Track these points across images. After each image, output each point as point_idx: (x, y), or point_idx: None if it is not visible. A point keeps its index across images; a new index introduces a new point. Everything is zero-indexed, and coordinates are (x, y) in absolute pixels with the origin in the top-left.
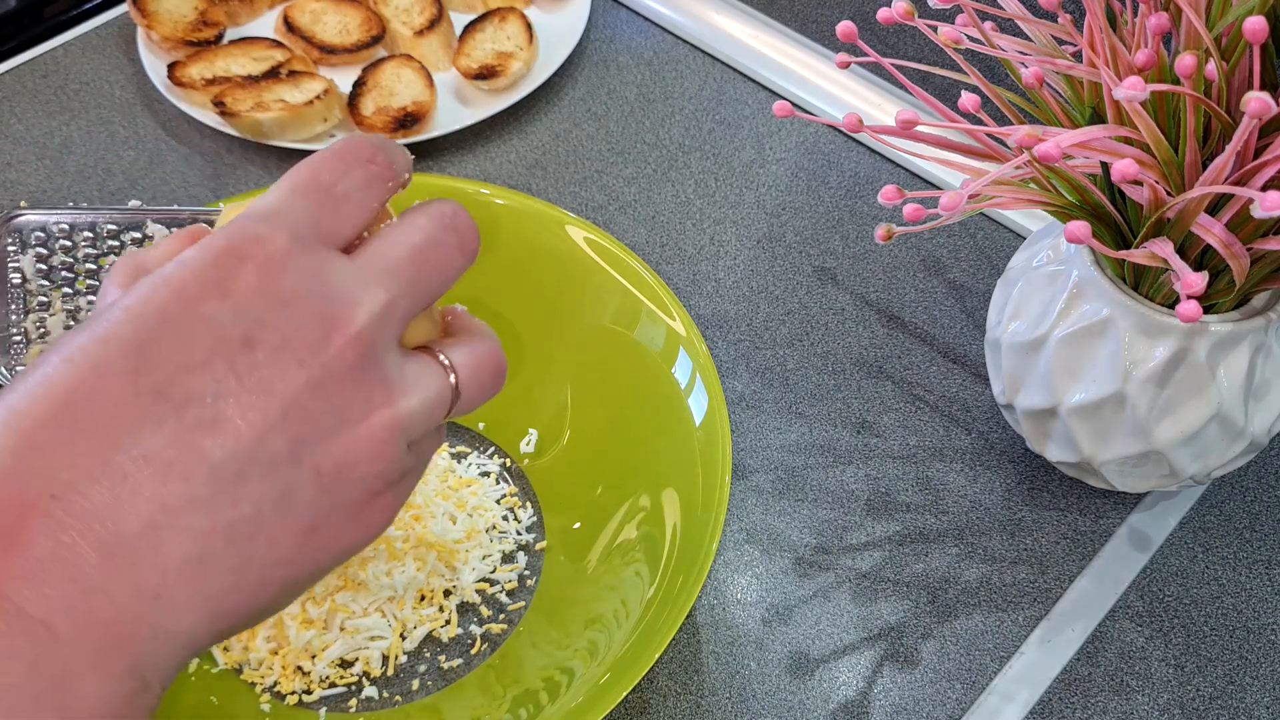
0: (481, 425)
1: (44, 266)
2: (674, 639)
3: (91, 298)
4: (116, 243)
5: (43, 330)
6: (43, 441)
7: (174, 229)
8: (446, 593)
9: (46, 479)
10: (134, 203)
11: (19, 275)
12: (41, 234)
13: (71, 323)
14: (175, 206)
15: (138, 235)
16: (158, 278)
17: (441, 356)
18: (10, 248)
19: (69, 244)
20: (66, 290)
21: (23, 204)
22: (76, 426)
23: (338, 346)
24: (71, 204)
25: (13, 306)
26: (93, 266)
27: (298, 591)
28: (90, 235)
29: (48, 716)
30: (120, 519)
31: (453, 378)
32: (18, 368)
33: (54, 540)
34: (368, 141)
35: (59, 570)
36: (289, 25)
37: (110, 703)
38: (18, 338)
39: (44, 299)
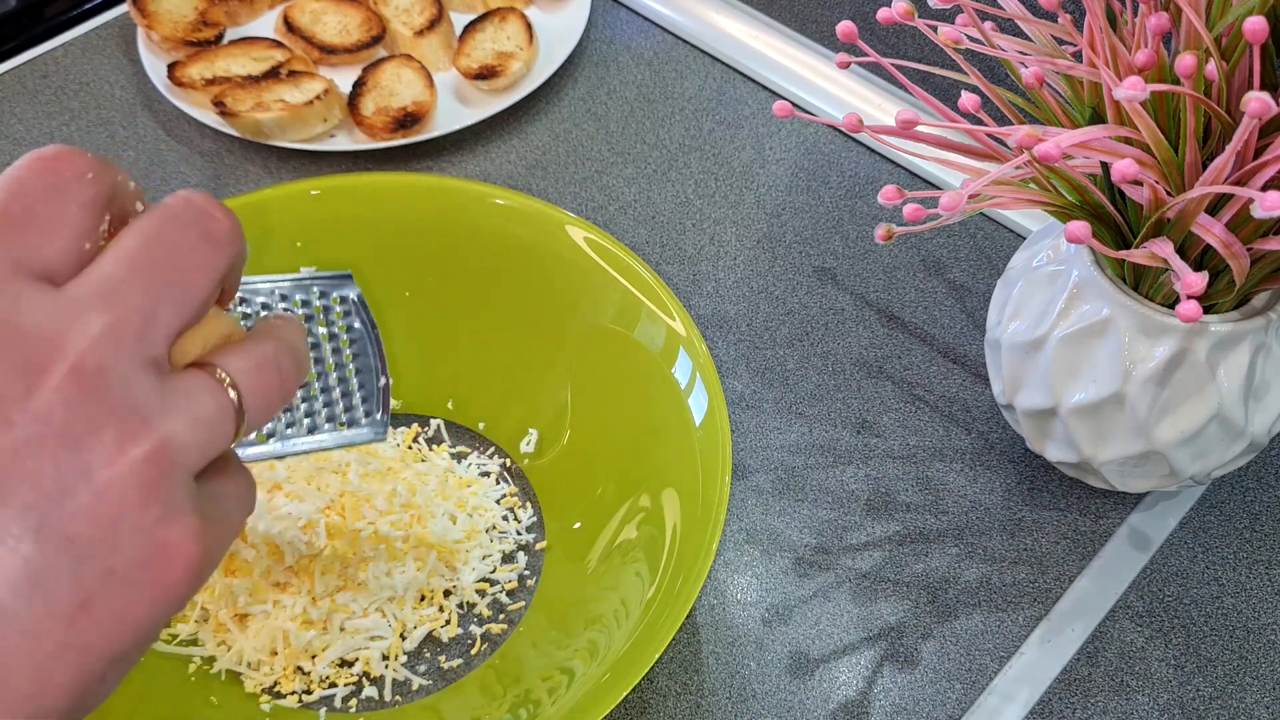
0: (481, 425)
1: None
2: (674, 639)
3: None
4: None
5: None
6: None
7: None
8: (446, 593)
9: None
10: None
11: None
12: None
13: None
14: None
15: None
16: None
17: (217, 370)
18: None
19: None
20: None
21: None
22: None
23: (50, 391)
24: None
25: None
26: None
27: (111, 675)
28: None
29: None
30: None
31: (232, 392)
32: None
33: None
34: (56, 148)
35: None
36: (289, 25)
37: None
38: None
39: None
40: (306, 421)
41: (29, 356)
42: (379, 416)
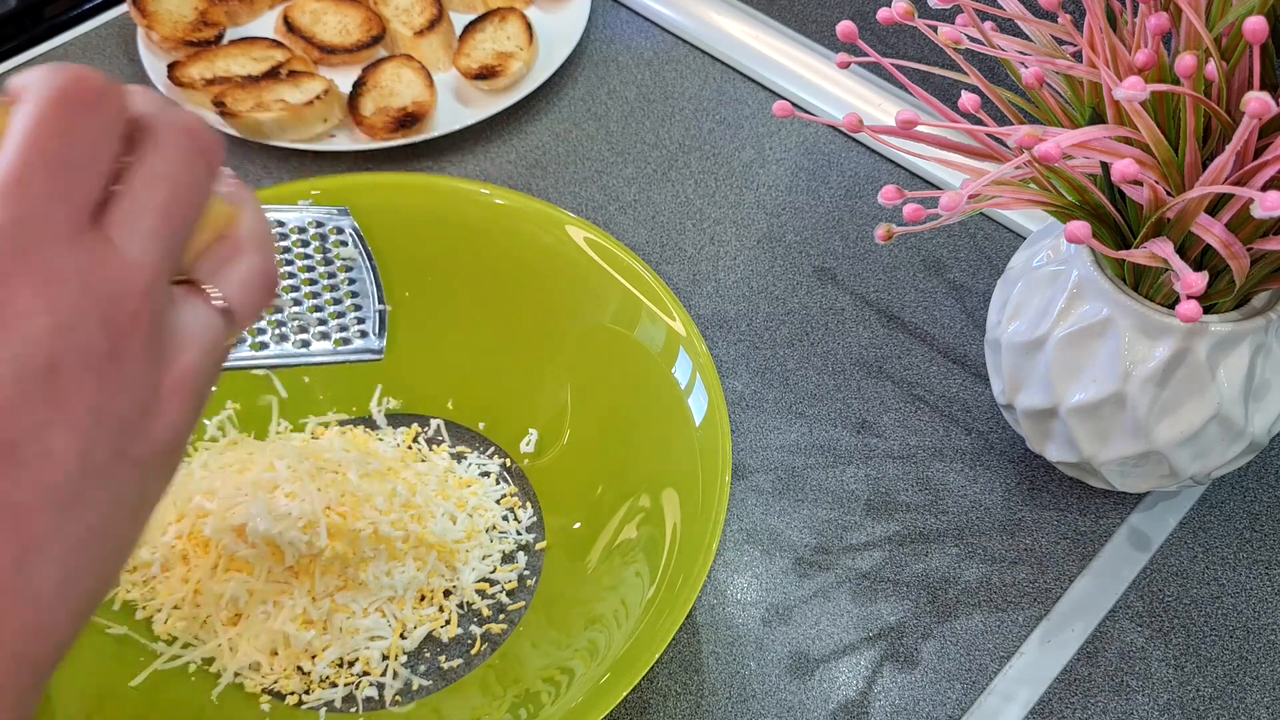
0: (481, 425)
1: None
2: (674, 639)
3: None
4: None
5: None
6: None
7: None
8: (446, 593)
9: None
10: None
11: None
12: None
13: None
14: None
15: None
16: None
17: (211, 291)
18: None
19: None
20: None
21: None
22: None
23: (125, 343)
24: None
25: None
26: None
27: (132, 552)
28: None
29: None
30: None
31: (224, 306)
32: None
33: None
34: (87, 80)
35: None
36: (289, 25)
37: None
38: None
39: None
40: (299, 335)
41: (108, 314)
42: (374, 338)
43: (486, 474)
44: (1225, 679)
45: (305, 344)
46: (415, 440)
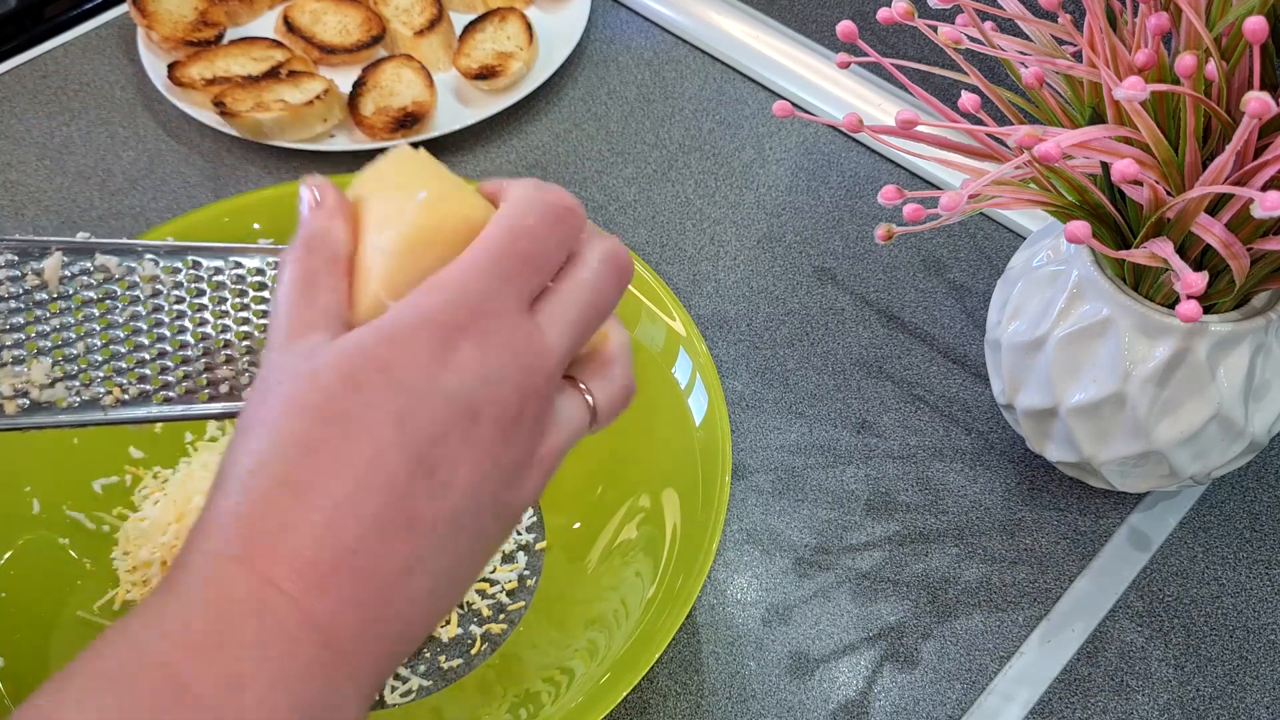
0: None
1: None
2: (674, 639)
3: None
4: (68, 273)
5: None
6: (339, 499)
7: (127, 260)
8: None
9: (343, 534)
10: (82, 235)
11: None
12: None
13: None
14: (126, 240)
15: (87, 265)
16: (384, 343)
17: (584, 391)
18: None
19: (16, 274)
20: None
21: None
22: (364, 492)
23: (530, 411)
24: (18, 235)
25: None
26: (43, 297)
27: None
28: (37, 266)
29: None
30: (387, 566)
31: (592, 403)
32: None
33: (352, 580)
34: (563, 201)
35: (354, 607)
36: (289, 25)
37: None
38: None
39: None
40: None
41: (525, 384)
42: None
43: None
44: (1225, 679)
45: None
46: None
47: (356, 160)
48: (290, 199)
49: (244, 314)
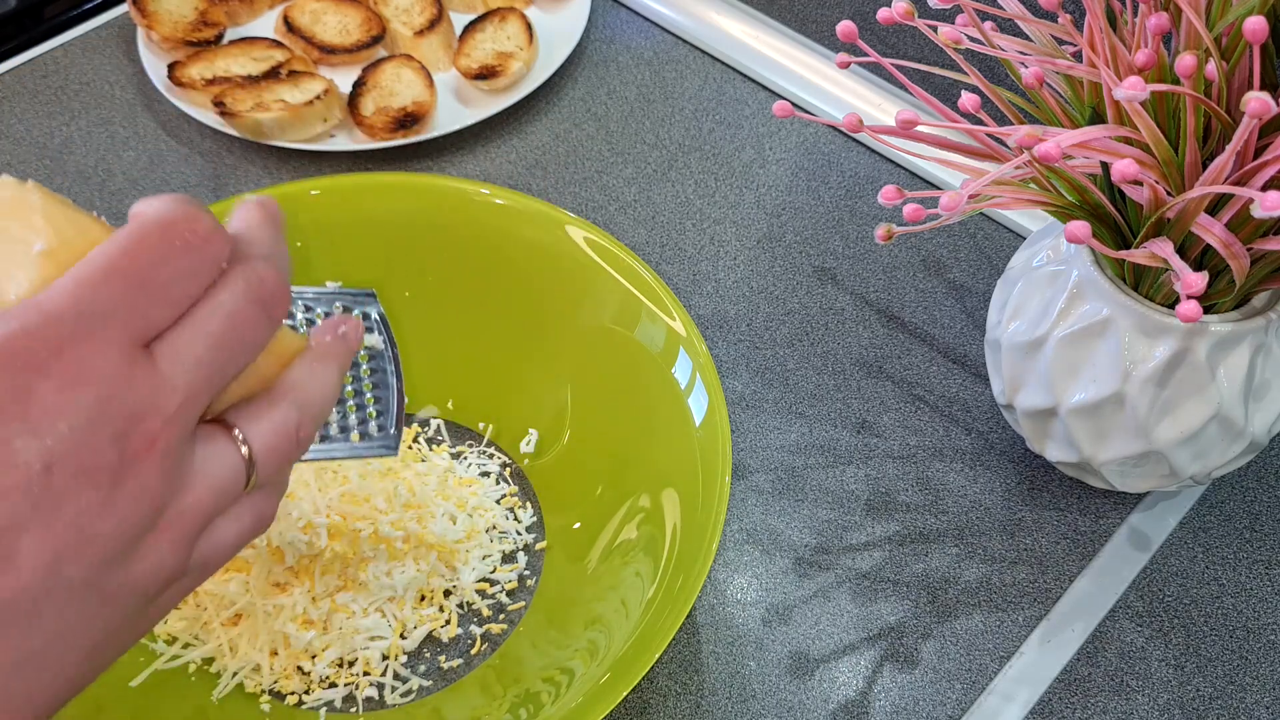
0: (482, 425)
1: None
2: (674, 639)
3: None
4: None
5: None
6: None
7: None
8: (446, 593)
9: None
10: None
11: None
12: None
13: None
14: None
15: None
16: None
17: (237, 433)
18: None
19: None
20: None
21: None
22: None
23: (136, 465)
24: None
25: None
26: None
27: (72, 697)
28: None
29: None
30: None
31: (247, 454)
32: None
33: None
34: (197, 216)
35: None
36: (289, 25)
37: None
38: None
39: None
40: (319, 431)
41: (128, 430)
42: (392, 432)
43: (486, 474)
44: (1225, 679)
45: (325, 438)
46: (415, 440)
47: (356, 160)
48: (291, 199)
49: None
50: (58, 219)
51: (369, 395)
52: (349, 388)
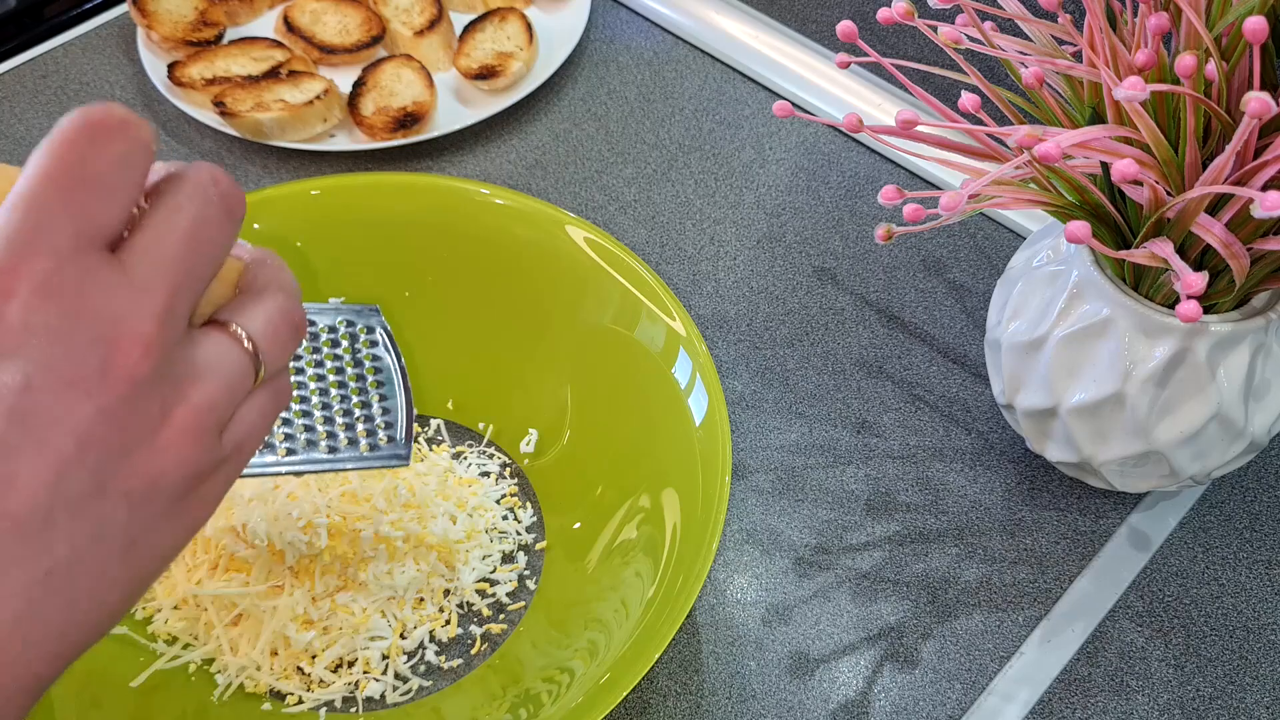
0: (481, 425)
1: None
2: (674, 639)
3: None
4: None
5: None
6: None
7: None
8: (446, 593)
9: None
10: None
11: None
12: None
13: None
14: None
15: None
16: None
17: (234, 327)
18: None
19: None
20: None
21: None
22: None
23: (123, 367)
24: None
25: None
26: None
27: (135, 599)
28: None
29: None
30: None
31: (249, 345)
32: None
33: None
34: (112, 109)
35: None
36: (289, 25)
37: None
38: None
39: None
40: (328, 441)
41: (106, 334)
42: (402, 442)
43: (486, 474)
44: (1225, 679)
45: (333, 449)
46: (415, 440)
47: (356, 160)
48: (291, 199)
49: (319, 370)
50: None
51: (376, 407)
52: (356, 400)
